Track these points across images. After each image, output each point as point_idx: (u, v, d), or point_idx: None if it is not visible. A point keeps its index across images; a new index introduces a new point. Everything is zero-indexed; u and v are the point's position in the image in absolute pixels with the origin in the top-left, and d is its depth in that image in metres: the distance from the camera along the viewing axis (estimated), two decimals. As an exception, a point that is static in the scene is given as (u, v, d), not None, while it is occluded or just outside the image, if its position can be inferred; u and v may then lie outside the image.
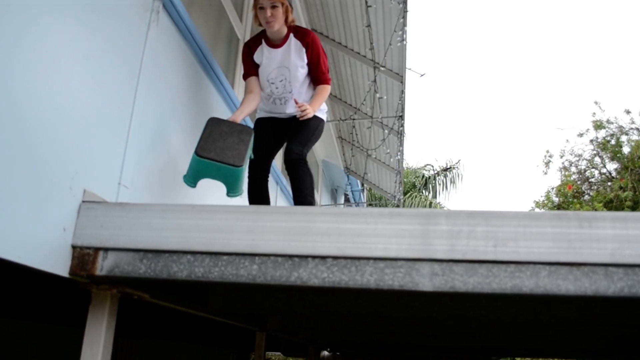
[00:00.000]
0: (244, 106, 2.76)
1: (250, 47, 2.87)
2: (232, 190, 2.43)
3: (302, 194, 2.76)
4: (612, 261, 1.34)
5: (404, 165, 18.48)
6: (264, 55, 2.84)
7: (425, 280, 1.39)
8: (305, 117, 2.72)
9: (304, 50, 2.80)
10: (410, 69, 6.81)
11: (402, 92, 5.63)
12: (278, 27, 2.72)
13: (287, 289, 2.36)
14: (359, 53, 5.49)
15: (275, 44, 2.81)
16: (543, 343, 4.76)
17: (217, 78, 3.02)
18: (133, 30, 2.01)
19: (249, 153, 2.45)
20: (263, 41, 2.84)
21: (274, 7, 2.66)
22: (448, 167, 17.83)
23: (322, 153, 8.56)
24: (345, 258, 1.42)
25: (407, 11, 4.82)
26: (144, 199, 2.08)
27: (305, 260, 1.43)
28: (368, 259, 1.41)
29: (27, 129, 1.40)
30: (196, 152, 2.26)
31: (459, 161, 17.90)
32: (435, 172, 17.90)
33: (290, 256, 1.44)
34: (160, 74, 2.27)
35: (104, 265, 1.53)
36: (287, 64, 2.82)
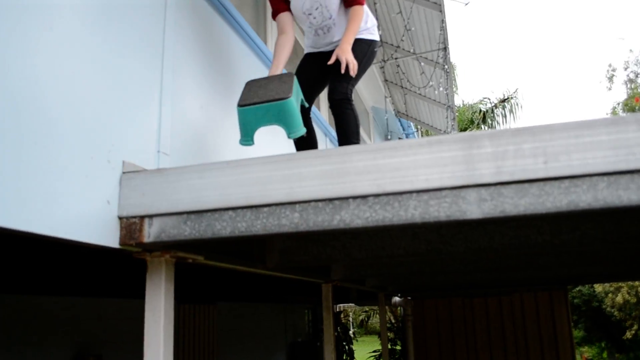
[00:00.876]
0: (277, 57, 2.61)
1: None
2: (292, 129, 2.20)
3: (346, 138, 2.63)
4: (679, 163, 1.22)
5: (459, 102, 17.88)
6: None
7: (473, 208, 1.31)
8: (354, 68, 2.50)
9: None
10: (451, -3, 6.47)
11: (443, 21, 5.36)
12: None
13: (337, 234, 2.33)
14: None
15: None
16: (620, 266, 4.56)
17: (246, 34, 2.96)
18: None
19: (296, 90, 2.28)
20: None
21: None
22: (505, 98, 17.17)
23: (371, 99, 8.40)
24: (387, 194, 1.36)
25: None
26: (186, 163, 2.08)
27: (346, 202, 1.39)
28: (410, 192, 1.35)
29: (61, 108, 1.40)
30: (238, 105, 2.17)
31: (516, 90, 17.22)
32: (493, 104, 17.28)
33: (330, 199, 1.40)
34: (185, 38, 2.24)
35: (150, 232, 1.55)
36: None
